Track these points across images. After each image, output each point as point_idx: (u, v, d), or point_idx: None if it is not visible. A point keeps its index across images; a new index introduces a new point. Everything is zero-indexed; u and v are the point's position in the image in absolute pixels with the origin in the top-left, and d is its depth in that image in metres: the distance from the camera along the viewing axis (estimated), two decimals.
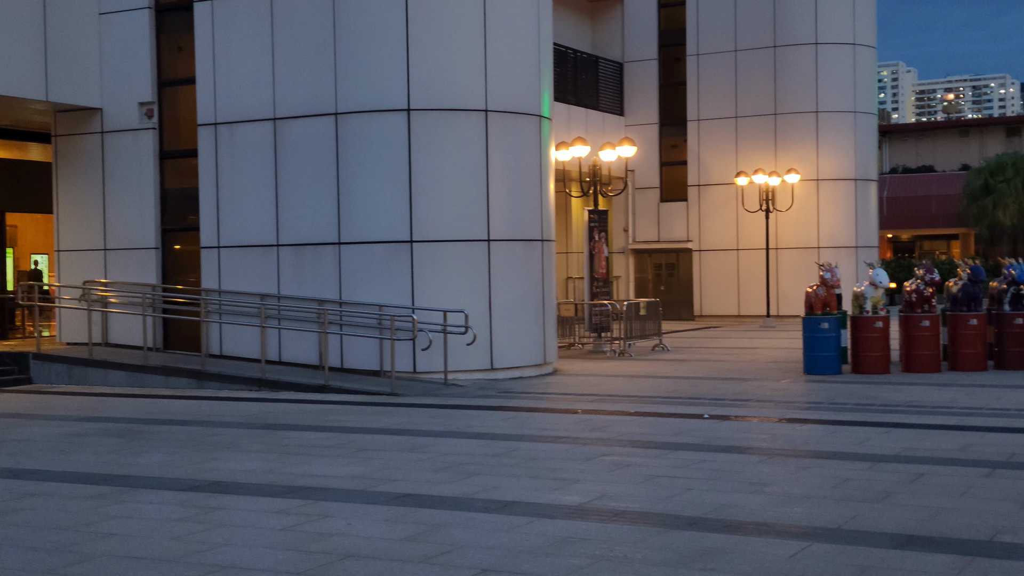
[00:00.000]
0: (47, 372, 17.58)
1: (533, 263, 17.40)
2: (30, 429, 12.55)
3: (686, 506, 7.91)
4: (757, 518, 7.49)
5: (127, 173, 18.73)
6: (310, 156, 17.02)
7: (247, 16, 17.41)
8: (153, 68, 18.55)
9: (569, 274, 32.18)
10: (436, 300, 16.34)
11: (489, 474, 9.22)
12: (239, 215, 17.61)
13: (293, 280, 17.18)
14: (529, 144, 17.37)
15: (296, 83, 17.07)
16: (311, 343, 16.88)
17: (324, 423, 12.56)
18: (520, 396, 14.99)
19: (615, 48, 32.74)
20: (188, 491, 8.74)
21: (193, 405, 14.61)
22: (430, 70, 16.49)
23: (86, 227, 19.10)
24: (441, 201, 16.58)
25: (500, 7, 16.84)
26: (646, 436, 11.24)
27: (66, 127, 19.23)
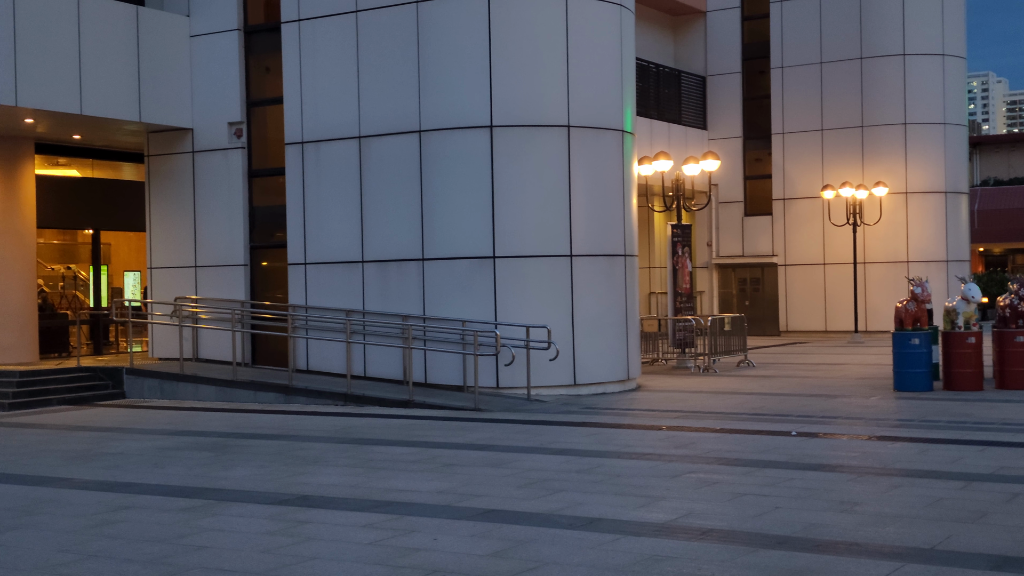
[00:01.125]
0: (140, 387, 17.99)
1: (616, 278, 17.34)
2: (124, 443, 12.85)
3: (775, 525, 7.79)
4: (848, 538, 7.35)
5: (217, 192, 19.13)
6: (394, 173, 17.21)
7: (333, 37, 17.69)
8: (242, 89, 18.94)
9: (652, 289, 32.00)
10: (519, 315, 16.37)
11: (574, 490, 9.19)
12: (325, 232, 17.87)
13: (378, 296, 17.36)
14: (611, 159, 17.34)
15: (381, 101, 17.29)
16: (395, 358, 17.03)
17: (409, 438, 12.64)
18: (603, 412, 14.93)
19: (698, 62, 32.55)
20: (277, 505, 8.87)
21: (281, 419, 14.83)
22: (512, 87, 16.58)
23: (177, 245, 19.54)
24: (523, 217, 16.63)
25: (582, 23, 16.86)
26: (732, 453, 11.10)
27: (158, 147, 19.72)
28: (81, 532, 8.03)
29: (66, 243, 23.77)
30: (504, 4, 16.49)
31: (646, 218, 29.42)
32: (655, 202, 23.93)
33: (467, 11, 16.56)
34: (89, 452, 12.07)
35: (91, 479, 10.30)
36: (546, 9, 16.65)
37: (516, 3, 16.54)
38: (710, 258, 32.61)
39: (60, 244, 23.65)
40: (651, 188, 24.41)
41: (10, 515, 8.70)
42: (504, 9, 16.50)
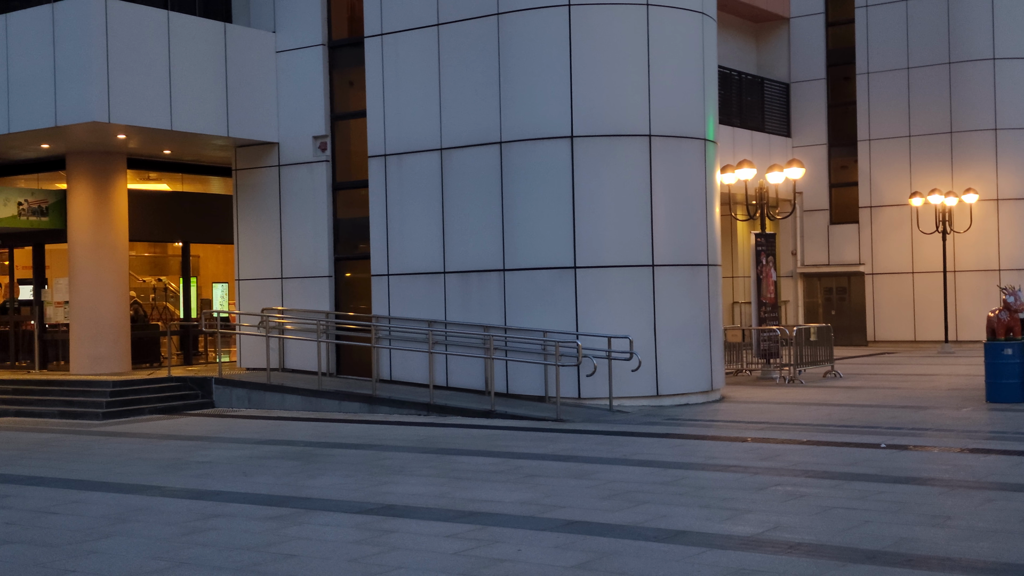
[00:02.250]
0: (228, 396, 18.32)
1: (699, 288, 17.20)
2: (213, 451, 13.10)
3: (865, 539, 7.65)
4: (940, 552, 7.18)
5: (302, 204, 19.42)
6: (475, 184, 17.30)
7: (415, 50, 17.86)
8: (326, 103, 19.22)
9: (735, 299, 31.66)
10: (600, 326, 16.32)
11: (658, 502, 9.13)
12: (407, 243, 18.03)
13: (459, 306, 17.46)
14: (694, 168, 17.21)
15: (462, 113, 17.40)
16: (477, 368, 17.10)
17: (491, 448, 12.68)
18: (687, 423, 14.80)
19: (781, 69, 32.18)
20: (363, 514, 8.95)
21: (365, 429, 14.98)
22: (593, 97, 16.56)
23: (264, 257, 19.88)
24: (604, 227, 16.59)
25: (663, 32, 16.79)
26: (820, 466, 10.92)
27: (246, 161, 20.10)
28: (173, 540, 8.20)
29: (157, 256, 24.33)
30: (585, 14, 16.50)
31: (729, 227, 29.13)
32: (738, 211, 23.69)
33: (548, 22, 16.60)
34: (180, 461, 12.33)
35: (182, 487, 10.51)
36: (627, 19, 16.61)
37: (597, 13, 16.53)
38: (795, 267, 32.16)
39: (151, 257, 24.22)
40: (734, 197, 24.17)
41: (105, 522, 8.92)
42: (585, 19, 16.50)
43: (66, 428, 15.97)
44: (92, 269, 19.66)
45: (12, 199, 19.64)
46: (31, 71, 17.51)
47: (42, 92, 17.34)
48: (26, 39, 17.62)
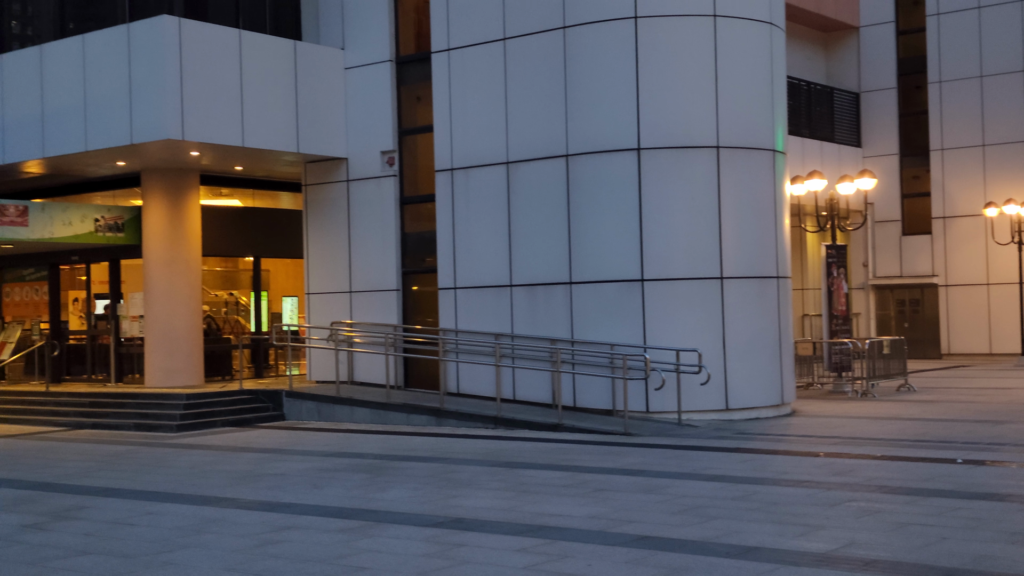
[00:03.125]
0: (298, 409, 18.52)
1: (768, 300, 17.02)
2: (284, 464, 13.24)
3: (942, 556, 7.49)
4: (1019, 571, 7.01)
5: (370, 219, 19.60)
6: (541, 197, 17.32)
7: (481, 65, 17.95)
8: (394, 118, 19.38)
9: (806, 311, 31.26)
10: (668, 339, 16.22)
11: (729, 518, 9.03)
12: (474, 256, 18.09)
13: (526, 319, 17.47)
14: (763, 179, 17.06)
15: (528, 127, 17.45)
16: (544, 381, 17.08)
17: (559, 462, 12.65)
18: (758, 437, 14.64)
19: (851, 78, 31.78)
20: (432, 527, 8.98)
21: (433, 442, 15.04)
22: (660, 109, 16.50)
23: (333, 270, 20.08)
24: (672, 239, 16.50)
25: (731, 43, 16.68)
26: (895, 481, 10.73)
27: (315, 176, 20.34)
28: (246, 551, 8.30)
29: (228, 270, 24.71)
30: (651, 26, 16.46)
31: (799, 239, 28.80)
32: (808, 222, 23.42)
33: (614, 35, 16.58)
34: (252, 473, 12.48)
35: (254, 499, 10.64)
36: (694, 30, 16.54)
37: (664, 25, 16.48)
38: (866, 279, 31.68)
39: (222, 271, 24.60)
40: (804, 208, 23.92)
41: (180, 534, 9.06)
42: (651, 31, 16.46)
43: (141, 440, 16.26)
44: (166, 284, 20.02)
45: (89, 216, 20.09)
46: (107, 90, 17.91)
47: (118, 111, 17.73)
48: (103, 59, 18.04)
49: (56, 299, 22.45)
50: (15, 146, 19.32)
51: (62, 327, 22.38)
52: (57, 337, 21.91)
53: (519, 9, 17.51)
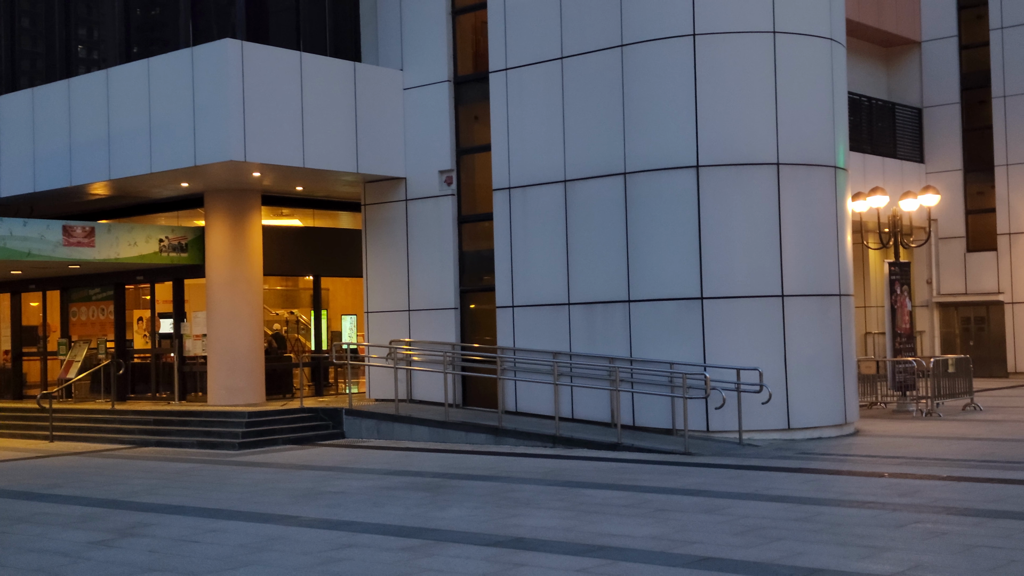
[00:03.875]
0: (358, 427, 18.63)
1: (831, 318, 16.82)
2: (345, 482, 13.32)
3: None
4: None
5: (428, 238, 19.70)
6: (599, 215, 17.30)
7: (539, 84, 18.01)
8: (452, 137, 19.49)
9: (868, 329, 30.84)
10: (728, 357, 16.09)
11: (792, 539, 8.91)
12: (531, 275, 18.11)
13: (584, 338, 17.43)
14: (823, 196, 16.89)
15: (585, 145, 17.45)
16: (602, 400, 17.02)
17: (619, 481, 12.58)
18: (820, 457, 14.45)
19: (912, 94, 31.38)
20: (492, 546, 8.97)
21: (492, 460, 15.03)
22: (719, 126, 16.42)
23: (392, 289, 20.21)
24: (731, 257, 16.38)
25: (791, 59, 16.57)
26: (962, 502, 10.52)
27: (374, 196, 20.51)
28: (308, 569, 8.35)
29: (288, 289, 24.97)
30: (710, 44, 16.40)
31: (861, 256, 28.43)
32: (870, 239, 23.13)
33: (672, 52, 16.55)
34: (313, 491, 12.57)
35: (315, 517, 10.71)
36: (753, 47, 16.45)
37: (722, 42, 16.41)
38: (930, 296, 31.19)
39: (283, 290, 24.87)
40: (866, 225, 23.63)
41: (243, 551, 9.14)
42: (710, 48, 16.40)
43: (204, 458, 16.46)
44: (228, 303, 20.28)
45: (154, 236, 20.44)
46: (171, 113, 18.23)
47: (182, 133, 18.04)
48: (167, 83, 18.37)
49: (121, 318, 22.84)
50: (82, 168, 19.72)
51: (127, 346, 22.75)
52: (122, 356, 22.27)
53: (576, 28, 17.55)
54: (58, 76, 21.41)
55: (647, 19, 16.76)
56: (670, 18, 16.57)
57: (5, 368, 25.04)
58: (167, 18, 20.67)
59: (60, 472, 15.21)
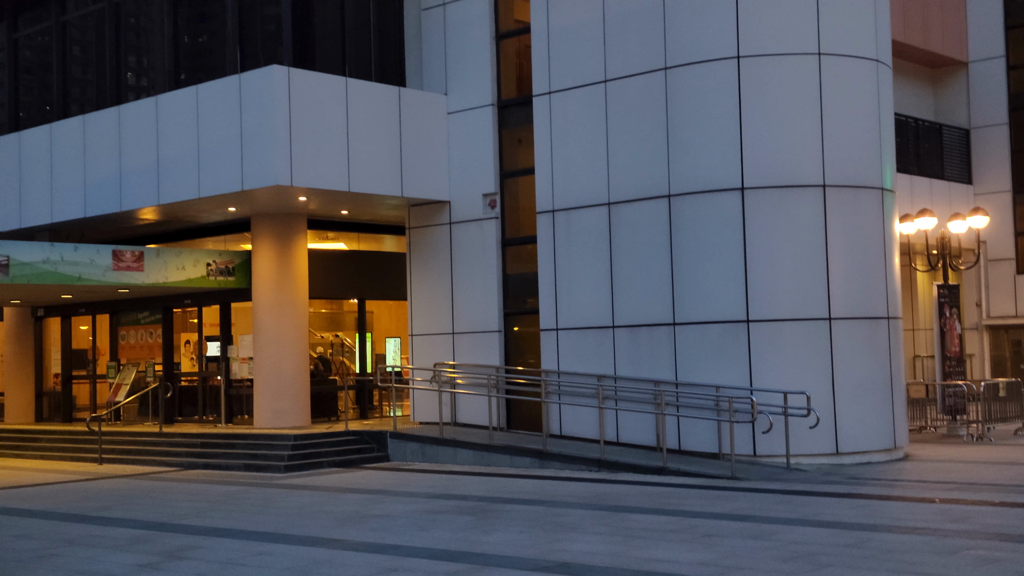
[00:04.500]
0: (403, 450, 18.66)
1: (879, 342, 16.64)
2: (390, 505, 13.33)
3: None
4: None
5: (472, 261, 19.76)
6: (643, 238, 17.26)
7: (583, 107, 18.04)
8: (496, 161, 19.56)
9: (916, 352, 30.44)
10: (774, 381, 15.95)
11: (842, 565, 8.79)
12: (576, 297, 18.09)
13: (629, 361, 17.36)
14: (870, 218, 16.75)
15: (629, 167, 17.44)
16: (647, 424, 16.92)
17: (665, 506, 12.49)
18: (870, 482, 14.26)
19: (960, 114, 31.06)
20: (537, 571, 8.93)
21: (536, 484, 14.99)
22: (764, 148, 16.35)
23: (436, 312, 20.26)
24: (777, 279, 16.27)
25: (836, 81, 16.48)
26: (1015, 529, 10.33)
27: (418, 219, 20.61)
28: None
29: (333, 312, 25.12)
30: (754, 66, 16.36)
31: (909, 278, 28.12)
32: (918, 261, 22.89)
33: (716, 75, 16.52)
34: (358, 514, 12.59)
35: (361, 541, 10.72)
36: (798, 69, 16.39)
37: (767, 64, 16.37)
38: (980, 319, 30.75)
39: (327, 313, 25.02)
40: (913, 247, 23.38)
41: (290, 575, 9.16)
42: (754, 71, 16.36)
43: (251, 481, 16.55)
44: (274, 326, 20.44)
45: (201, 260, 20.66)
46: (219, 139, 18.46)
47: (229, 158, 18.25)
48: (215, 109, 18.61)
49: (169, 342, 23.09)
50: (132, 194, 20.01)
51: (174, 369, 22.98)
52: (170, 379, 22.50)
53: (620, 52, 17.57)
54: (108, 103, 21.77)
55: (691, 42, 16.75)
56: (714, 41, 16.56)
57: (55, 391, 25.39)
58: (214, 45, 20.97)
59: (109, 494, 15.36)
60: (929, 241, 21.15)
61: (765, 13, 16.44)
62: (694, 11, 16.74)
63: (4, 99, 24.94)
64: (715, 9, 16.57)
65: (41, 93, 24.20)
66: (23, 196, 22.32)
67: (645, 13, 17.24)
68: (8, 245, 18.83)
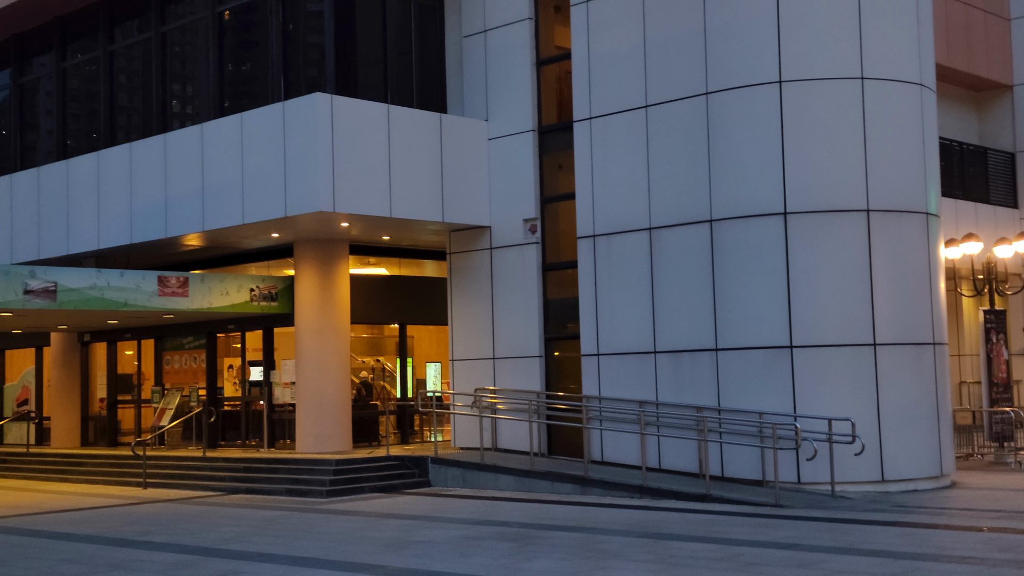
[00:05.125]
0: (443, 475, 18.65)
1: (924, 368, 16.44)
2: (431, 531, 13.32)
3: None
4: None
5: (513, 286, 19.78)
6: (684, 263, 17.21)
7: (623, 132, 18.05)
8: (536, 186, 19.61)
9: (962, 378, 30.03)
10: (819, 407, 15.80)
11: None
12: (617, 322, 18.04)
13: (670, 386, 17.27)
14: (915, 243, 16.60)
15: (670, 192, 17.41)
16: (690, 450, 16.81)
17: (709, 534, 12.38)
18: (916, 511, 14.06)
19: (1005, 138, 30.71)
20: None
21: (578, 511, 14.92)
22: (806, 172, 16.27)
23: (476, 337, 20.29)
24: (821, 305, 16.15)
25: (880, 105, 16.38)
26: None
27: (459, 245, 20.68)
28: None
29: (373, 336, 25.21)
30: (796, 91, 16.30)
31: (954, 303, 27.76)
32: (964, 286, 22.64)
33: (758, 99, 16.48)
34: (400, 540, 12.59)
35: (403, 567, 10.71)
36: (841, 93, 16.31)
37: (809, 89, 16.30)
38: None
39: (368, 338, 25.11)
40: (959, 272, 23.15)
41: None
42: (796, 96, 16.30)
43: (293, 505, 16.61)
44: (316, 351, 20.55)
45: (245, 286, 20.85)
46: (263, 165, 18.66)
47: (273, 185, 18.43)
48: (259, 136, 18.82)
49: (213, 366, 23.27)
50: (177, 220, 20.25)
51: (218, 393, 23.15)
52: (213, 403, 22.67)
53: (661, 77, 17.58)
54: (154, 131, 22.08)
55: (733, 67, 16.73)
56: (756, 66, 16.53)
57: (101, 416, 25.65)
58: (258, 72, 21.22)
59: (153, 519, 15.48)
60: (975, 266, 20.91)
61: (807, 38, 16.40)
62: (736, 36, 16.74)
63: (52, 127, 25.37)
64: (757, 34, 16.55)
65: (88, 121, 24.59)
66: (71, 223, 22.66)
67: (686, 38, 17.25)
68: (56, 271, 19.10)
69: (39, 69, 25.78)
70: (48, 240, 23.17)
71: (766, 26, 16.48)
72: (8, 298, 18.52)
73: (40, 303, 18.76)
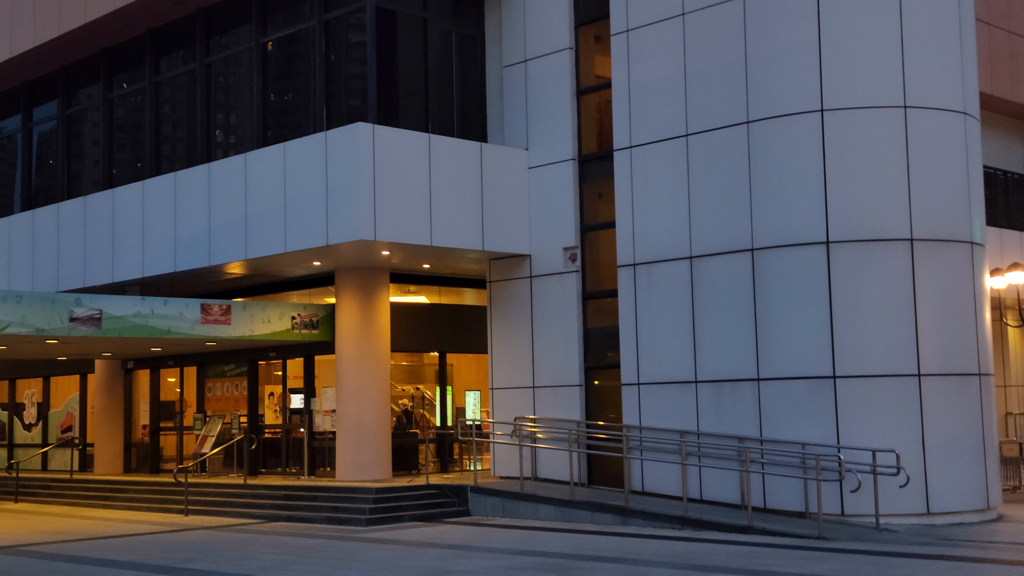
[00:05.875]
0: (483, 505, 18.60)
1: (970, 399, 16.22)
2: (471, 561, 13.28)
3: None
4: None
5: (553, 314, 19.76)
6: (726, 292, 17.12)
7: (663, 161, 18.04)
8: (576, 215, 19.62)
9: (1009, 409, 29.58)
10: (862, 438, 15.63)
11: None
12: (657, 352, 17.96)
13: (711, 416, 17.16)
14: (960, 272, 16.42)
15: (711, 221, 17.36)
16: (731, 481, 16.67)
17: (751, 566, 12.25)
18: (962, 544, 13.84)
19: None
20: None
21: (619, 542, 14.82)
22: (849, 201, 16.17)
23: (516, 366, 20.27)
24: (864, 335, 15.99)
25: (923, 134, 16.27)
26: None
27: (499, 273, 20.72)
28: None
29: (413, 364, 25.26)
30: (839, 119, 16.23)
31: (1000, 333, 27.43)
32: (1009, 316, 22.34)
33: (800, 128, 16.43)
34: (440, 569, 12.56)
35: None
36: (883, 122, 16.22)
37: (851, 118, 16.23)
38: None
39: (408, 366, 25.17)
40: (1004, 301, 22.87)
41: None
42: (839, 124, 16.23)
43: (332, 534, 16.63)
44: (357, 379, 20.62)
45: (286, 314, 20.99)
46: (305, 194, 18.82)
47: (315, 213, 18.58)
48: (301, 165, 19.00)
49: (254, 394, 23.41)
50: (220, 248, 20.46)
51: (259, 421, 23.28)
52: (254, 431, 22.78)
53: (701, 106, 17.58)
54: (198, 160, 22.35)
55: (774, 96, 16.70)
56: (798, 95, 16.48)
57: (143, 442, 25.87)
58: (301, 102, 21.45)
59: (194, 546, 15.55)
60: (1021, 295, 20.65)
61: (849, 66, 16.34)
62: (777, 65, 16.71)
63: (99, 157, 25.76)
64: (798, 63, 16.52)
65: (134, 151, 24.95)
66: (116, 251, 22.95)
67: (727, 67, 17.25)
68: (101, 299, 19.34)
69: (86, 100, 26.21)
70: (93, 268, 23.48)
71: (807, 54, 16.44)
72: (54, 325, 18.77)
73: (85, 330, 18.99)
